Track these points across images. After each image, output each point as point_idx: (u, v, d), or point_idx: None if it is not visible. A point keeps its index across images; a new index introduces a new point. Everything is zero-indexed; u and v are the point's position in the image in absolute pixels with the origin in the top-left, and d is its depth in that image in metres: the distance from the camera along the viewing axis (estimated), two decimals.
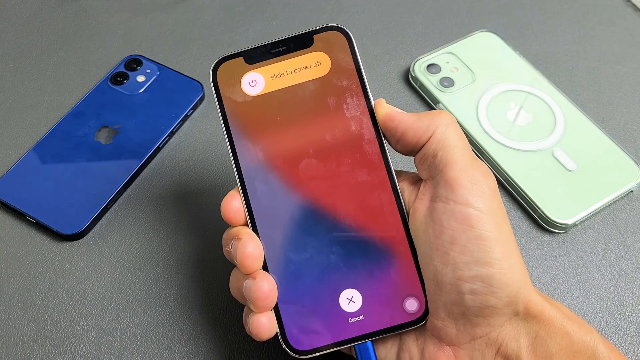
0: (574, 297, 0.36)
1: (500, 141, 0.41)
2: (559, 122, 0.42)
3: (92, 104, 0.45)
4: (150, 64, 0.47)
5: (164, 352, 0.35)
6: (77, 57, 0.49)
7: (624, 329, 0.35)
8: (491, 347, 0.27)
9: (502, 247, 0.26)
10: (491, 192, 0.27)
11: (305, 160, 0.30)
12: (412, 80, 0.46)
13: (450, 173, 0.27)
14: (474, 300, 0.26)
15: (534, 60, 0.46)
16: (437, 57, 0.46)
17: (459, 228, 0.26)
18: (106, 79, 0.46)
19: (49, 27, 0.51)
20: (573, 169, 0.40)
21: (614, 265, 0.37)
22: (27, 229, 0.40)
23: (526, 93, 0.44)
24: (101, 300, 0.37)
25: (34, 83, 0.47)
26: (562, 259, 0.38)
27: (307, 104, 0.30)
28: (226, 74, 0.31)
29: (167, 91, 0.45)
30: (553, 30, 0.49)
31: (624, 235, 0.38)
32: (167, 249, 0.39)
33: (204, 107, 0.46)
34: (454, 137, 0.28)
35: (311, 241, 0.29)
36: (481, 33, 0.47)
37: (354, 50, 0.30)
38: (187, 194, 0.41)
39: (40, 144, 0.43)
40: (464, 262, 0.26)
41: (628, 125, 0.43)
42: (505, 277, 0.26)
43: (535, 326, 0.26)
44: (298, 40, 0.30)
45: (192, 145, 0.44)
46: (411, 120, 0.29)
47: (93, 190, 0.40)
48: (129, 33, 0.50)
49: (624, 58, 0.47)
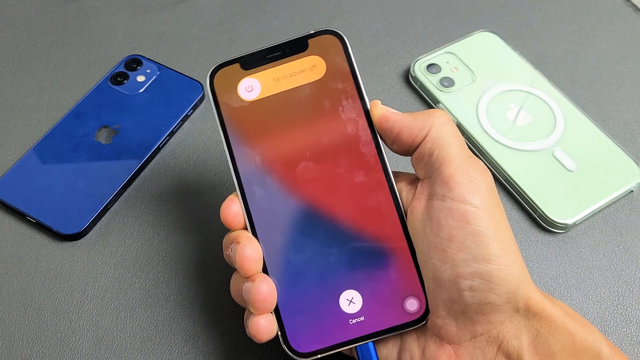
0: (574, 297, 0.36)
1: (500, 141, 0.41)
2: (559, 122, 0.42)
3: (92, 104, 0.45)
4: (150, 64, 0.47)
5: (164, 352, 0.35)
6: (77, 57, 0.49)
7: (624, 328, 0.35)
8: (492, 344, 0.27)
9: (500, 243, 0.26)
10: (488, 189, 0.27)
11: (302, 164, 0.30)
12: (412, 80, 0.46)
13: (446, 171, 0.27)
14: (473, 297, 0.26)
15: (534, 60, 0.46)
16: (437, 57, 0.46)
17: (456, 225, 0.26)
18: (106, 79, 0.46)
19: (49, 27, 0.51)
20: (573, 168, 0.40)
21: (614, 265, 0.37)
22: (27, 229, 0.40)
23: (526, 93, 0.44)
24: (101, 300, 0.37)
25: (34, 83, 0.47)
26: (562, 259, 0.38)
27: (304, 108, 0.30)
28: (223, 80, 0.31)
29: (167, 91, 0.45)
30: (553, 30, 0.49)
31: (624, 235, 0.38)
32: (167, 249, 0.39)
33: (204, 107, 0.46)
34: (449, 135, 0.28)
35: (310, 243, 0.29)
36: (481, 33, 0.47)
37: (348, 53, 0.31)
38: (187, 194, 0.41)
39: (40, 144, 0.43)
40: (462, 259, 0.26)
41: (628, 125, 0.43)
42: (503, 273, 0.26)
43: (536, 324, 0.26)
44: (293, 45, 0.31)
45: (192, 145, 0.44)
46: (406, 121, 0.29)
47: (93, 190, 0.40)
48: (129, 33, 0.50)
49: (624, 58, 0.47)
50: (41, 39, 0.50)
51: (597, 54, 0.47)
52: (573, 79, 0.46)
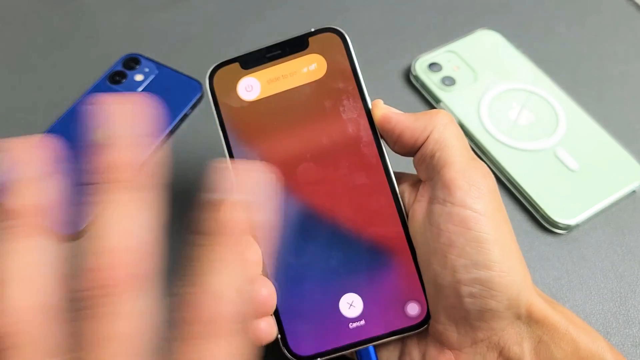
0: (577, 298, 0.36)
1: (502, 140, 0.41)
2: (562, 121, 0.42)
3: None
4: (148, 62, 0.46)
5: None
6: (75, 56, 0.49)
7: (627, 330, 0.35)
8: (493, 351, 0.26)
9: (501, 249, 0.26)
10: (490, 193, 0.27)
11: (303, 165, 0.29)
12: (413, 79, 0.46)
13: (447, 174, 0.27)
14: (473, 303, 0.26)
15: (536, 58, 0.46)
16: (439, 55, 0.46)
17: (457, 230, 0.26)
18: (104, 78, 0.46)
19: (47, 26, 0.51)
20: (575, 168, 0.39)
21: (617, 266, 0.37)
22: None
23: (528, 92, 0.43)
24: None
25: (32, 82, 0.47)
26: (565, 260, 0.37)
27: (304, 108, 0.30)
28: (222, 80, 0.30)
29: (165, 90, 0.45)
30: (555, 29, 0.49)
31: (626, 236, 0.38)
32: (166, 250, 0.38)
33: (203, 106, 0.45)
34: (452, 137, 0.28)
35: (311, 246, 0.29)
36: (483, 31, 0.47)
37: (349, 52, 0.30)
38: (186, 194, 0.41)
39: None
40: (462, 265, 0.26)
41: (631, 125, 0.43)
42: (504, 279, 0.25)
43: (538, 330, 0.26)
44: (293, 44, 0.30)
45: (191, 144, 0.43)
46: (408, 121, 0.28)
47: None
48: (128, 32, 0.50)
49: (627, 57, 0.47)
50: (39, 38, 0.50)
51: (600, 53, 0.47)
52: (575, 78, 0.46)
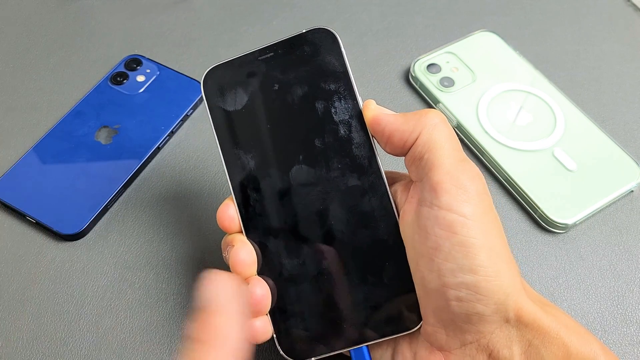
0: (574, 298, 0.36)
1: (500, 141, 0.41)
2: (559, 121, 0.42)
3: (92, 103, 0.45)
4: (150, 63, 0.47)
5: (164, 352, 0.35)
6: (77, 57, 0.49)
7: (624, 329, 0.35)
8: (482, 353, 0.26)
9: (488, 253, 0.25)
10: (478, 196, 0.26)
11: (296, 167, 0.29)
12: (412, 80, 0.46)
13: (435, 177, 0.26)
14: (460, 307, 0.26)
15: (534, 60, 0.46)
16: (437, 57, 0.46)
17: (443, 234, 0.26)
18: (106, 78, 0.46)
19: (49, 26, 0.51)
20: (573, 168, 0.40)
21: (614, 265, 0.37)
22: (27, 229, 0.40)
23: (526, 93, 0.44)
24: (101, 300, 0.37)
25: (34, 83, 0.47)
26: (562, 259, 0.37)
27: (297, 109, 0.30)
28: (215, 83, 0.31)
29: (167, 91, 0.45)
30: (553, 30, 0.49)
31: (624, 235, 0.38)
32: (167, 249, 0.39)
33: (204, 107, 0.46)
34: (441, 138, 0.27)
35: (304, 247, 0.29)
36: (481, 33, 0.47)
37: (341, 52, 0.29)
38: (187, 194, 0.41)
39: (40, 144, 0.43)
40: (449, 269, 0.25)
41: (628, 125, 0.43)
42: (491, 284, 0.25)
43: (528, 334, 0.26)
44: (285, 45, 0.30)
45: (192, 144, 0.44)
46: (398, 123, 0.28)
47: (93, 190, 0.40)
48: (129, 33, 0.50)
49: (624, 58, 0.47)
50: (41, 39, 0.50)
51: (598, 54, 0.47)
52: (573, 79, 0.46)
